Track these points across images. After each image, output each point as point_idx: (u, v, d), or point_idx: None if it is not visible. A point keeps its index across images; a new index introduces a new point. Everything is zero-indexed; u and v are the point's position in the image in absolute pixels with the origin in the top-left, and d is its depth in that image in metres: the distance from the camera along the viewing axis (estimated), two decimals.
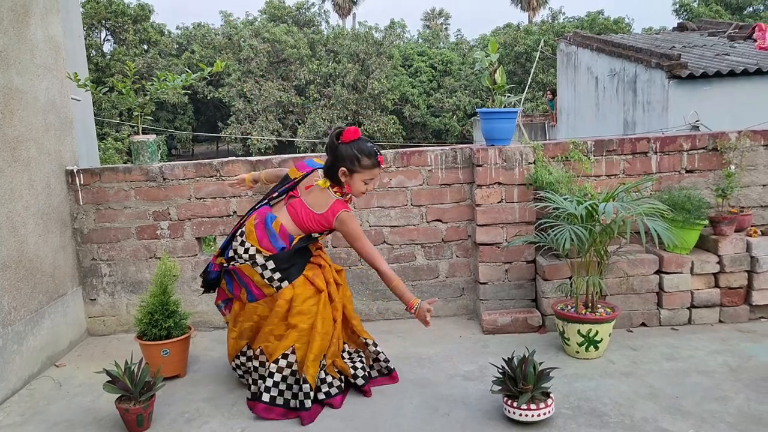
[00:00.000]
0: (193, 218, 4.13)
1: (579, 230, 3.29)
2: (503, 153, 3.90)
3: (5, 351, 3.28)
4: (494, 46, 3.93)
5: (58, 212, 3.93)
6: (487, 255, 4.00)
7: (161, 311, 3.41)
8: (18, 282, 3.44)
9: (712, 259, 3.80)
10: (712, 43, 13.06)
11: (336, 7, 46.74)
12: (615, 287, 3.79)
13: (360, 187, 3.08)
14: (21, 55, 3.59)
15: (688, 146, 4.06)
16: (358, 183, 3.06)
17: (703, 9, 31.25)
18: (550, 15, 37.65)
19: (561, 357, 3.47)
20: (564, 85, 15.46)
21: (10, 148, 3.44)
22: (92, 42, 30.29)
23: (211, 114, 33.07)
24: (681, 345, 3.55)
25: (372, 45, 29.55)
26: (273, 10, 33.92)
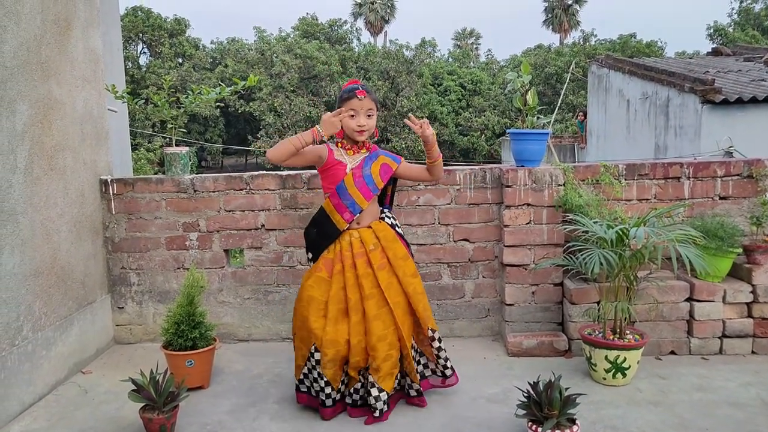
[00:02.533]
0: (222, 230, 4.17)
1: (608, 254, 3.25)
2: (533, 174, 3.87)
3: (34, 356, 3.34)
4: (526, 68, 3.92)
5: (90, 220, 4.01)
6: (513, 276, 3.97)
7: (188, 322, 3.44)
8: (49, 288, 3.50)
9: (745, 288, 3.71)
10: (747, 68, 12.88)
11: (368, 25, 47.23)
12: (644, 314, 3.72)
13: (348, 123, 3.07)
14: (61, 67, 3.68)
15: (722, 172, 4.00)
16: (346, 121, 3.07)
17: (738, 34, 30.86)
18: (582, 37, 37.58)
19: (587, 383, 3.41)
20: (595, 108, 15.37)
21: (48, 157, 3.52)
22: (129, 54, 30.99)
23: (241, 127, 33.48)
24: (712, 375, 3.47)
25: (402, 63, 29.74)
26: (306, 26, 34.39)
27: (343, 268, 3.05)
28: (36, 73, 3.41)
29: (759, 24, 32.91)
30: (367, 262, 3.05)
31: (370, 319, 2.99)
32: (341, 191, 3.07)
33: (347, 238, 3.09)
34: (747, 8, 33.99)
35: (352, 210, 3.06)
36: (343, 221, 3.07)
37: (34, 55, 3.39)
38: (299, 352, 3.12)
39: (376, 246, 3.09)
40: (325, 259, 3.09)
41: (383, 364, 2.99)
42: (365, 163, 3.14)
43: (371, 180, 3.10)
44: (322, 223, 3.13)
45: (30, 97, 3.35)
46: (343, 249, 3.07)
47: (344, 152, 3.16)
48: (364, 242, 3.08)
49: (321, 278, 3.07)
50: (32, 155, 3.36)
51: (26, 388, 3.26)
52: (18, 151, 3.24)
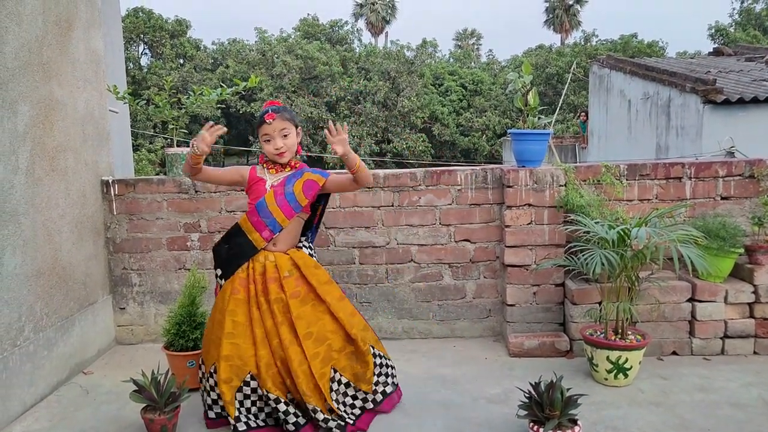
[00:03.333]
0: (223, 231, 4.16)
1: (610, 255, 3.25)
2: (534, 174, 3.87)
3: (36, 356, 3.34)
4: (528, 68, 3.92)
5: (92, 221, 4.01)
6: (515, 277, 3.96)
7: (189, 322, 3.44)
8: (51, 289, 3.51)
9: (747, 288, 3.71)
10: (749, 68, 12.86)
11: (369, 26, 47.21)
12: (646, 314, 3.72)
13: (266, 149, 3.00)
14: (63, 68, 3.69)
15: (724, 173, 3.99)
16: (264, 146, 3.02)
17: (740, 34, 30.83)
18: (583, 37, 37.52)
19: (589, 383, 3.41)
20: (596, 108, 15.36)
21: (49, 158, 3.52)
22: (130, 55, 31.02)
23: (242, 128, 33.48)
24: (713, 376, 3.46)
25: (403, 63, 29.72)
26: (307, 27, 34.39)
27: (255, 291, 2.93)
28: (37, 74, 3.42)
29: (760, 24, 32.88)
30: (280, 288, 2.93)
31: (287, 346, 2.86)
32: (261, 208, 2.94)
33: (261, 260, 2.96)
34: (748, 8, 33.97)
35: (272, 228, 2.94)
36: (262, 240, 2.95)
37: (35, 56, 3.40)
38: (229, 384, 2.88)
39: (291, 273, 2.96)
40: (240, 279, 2.96)
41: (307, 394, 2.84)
42: (288, 180, 3.01)
43: (293, 198, 2.96)
44: (237, 241, 2.99)
45: (31, 98, 3.36)
46: (256, 272, 2.94)
47: (266, 171, 3.06)
48: (279, 268, 2.95)
49: (241, 300, 2.93)
50: (34, 156, 3.37)
51: (28, 389, 3.26)
52: (20, 152, 3.24)
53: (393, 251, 4.16)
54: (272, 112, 2.97)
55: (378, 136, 28.84)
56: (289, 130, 3.00)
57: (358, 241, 4.16)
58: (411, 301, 4.20)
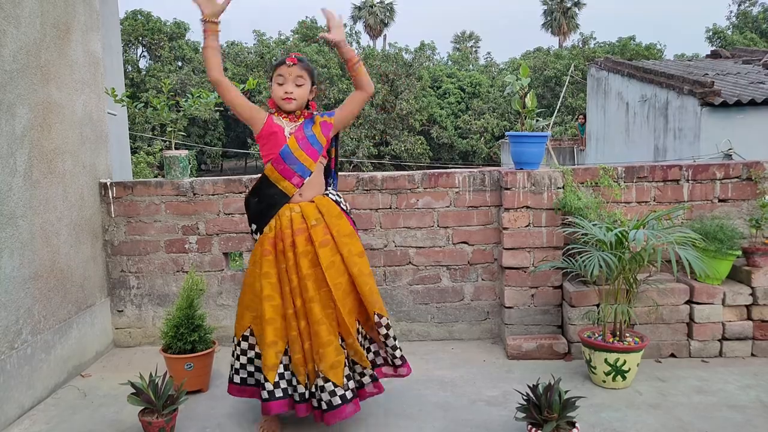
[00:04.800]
0: (221, 233, 4.17)
1: (608, 257, 3.25)
2: (532, 177, 3.88)
3: (33, 359, 3.33)
4: (525, 71, 3.93)
5: (90, 224, 4.01)
6: (513, 279, 3.97)
7: (187, 325, 3.43)
8: (49, 291, 3.50)
9: (744, 290, 3.71)
10: (746, 71, 12.90)
11: (367, 29, 47.31)
12: (644, 316, 3.72)
13: (276, 91, 2.91)
14: (61, 70, 3.69)
15: (722, 175, 4.00)
16: (274, 88, 2.92)
17: (737, 36, 30.92)
18: (581, 40, 37.62)
19: (587, 386, 3.41)
20: (594, 110, 15.39)
21: (47, 160, 3.52)
22: (129, 58, 31.03)
23: (240, 130, 33.50)
24: (711, 378, 3.47)
25: (401, 66, 29.78)
26: (305, 30, 34.42)
27: (283, 247, 2.83)
28: (36, 77, 3.42)
29: (757, 27, 32.99)
30: (308, 239, 2.83)
31: (308, 301, 2.79)
32: (286, 155, 2.85)
33: (287, 213, 2.85)
34: (745, 11, 34.09)
35: (302, 174, 2.86)
36: (292, 186, 2.86)
37: (33, 58, 3.40)
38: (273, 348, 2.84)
39: (319, 221, 2.86)
40: (268, 239, 2.86)
41: (326, 351, 2.76)
42: (305, 126, 2.95)
43: (315, 140, 2.91)
44: (265, 192, 2.90)
45: (29, 101, 3.36)
46: (283, 226, 2.84)
47: (281, 119, 2.96)
48: (306, 217, 2.85)
49: (271, 261, 2.85)
50: (32, 159, 3.36)
51: (25, 392, 3.25)
52: (17, 155, 3.24)
53: (391, 254, 4.16)
54: (295, 57, 2.92)
55: (376, 139, 28.87)
56: (305, 80, 2.92)
57: None
58: (409, 303, 4.20)
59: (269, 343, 2.82)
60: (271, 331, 2.82)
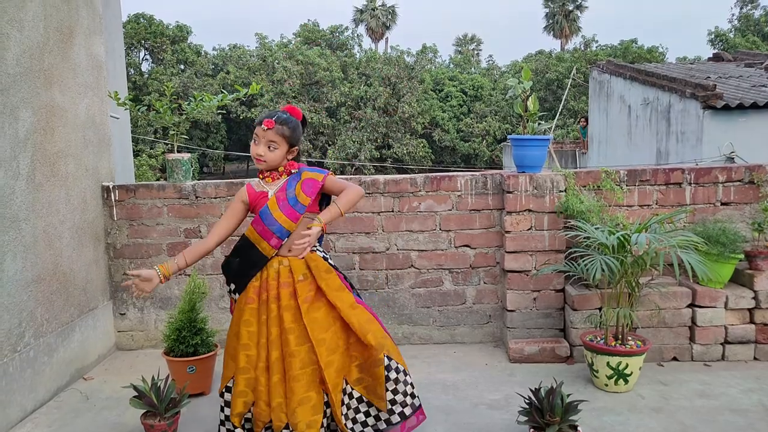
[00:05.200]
0: None
1: (610, 261, 3.25)
2: (534, 180, 3.88)
3: (36, 362, 3.34)
4: (527, 74, 3.93)
5: (92, 227, 4.01)
6: (515, 282, 3.96)
7: (189, 328, 3.44)
8: (51, 294, 3.51)
9: (747, 294, 3.71)
10: (748, 74, 12.89)
11: (369, 31, 47.36)
12: (646, 320, 3.72)
13: (252, 148, 2.83)
14: (64, 74, 3.70)
15: (724, 178, 4.00)
16: (251, 145, 2.86)
17: (739, 39, 30.92)
18: (583, 43, 37.62)
19: (589, 389, 3.41)
20: (596, 113, 15.38)
21: (50, 164, 3.53)
22: (131, 61, 31.09)
23: (243, 133, 33.54)
24: (714, 382, 3.46)
25: (403, 69, 29.80)
26: (307, 33, 34.49)
27: (267, 298, 2.78)
28: (39, 81, 3.43)
29: (759, 30, 32.99)
30: (293, 294, 2.77)
31: (287, 355, 2.70)
32: (265, 216, 2.78)
33: (275, 266, 2.80)
34: (747, 15, 34.09)
35: (280, 235, 2.78)
36: (270, 248, 2.79)
37: (37, 62, 3.41)
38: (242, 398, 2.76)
39: (306, 277, 2.81)
40: (253, 287, 2.81)
41: (302, 408, 2.65)
42: (288, 184, 2.85)
43: (296, 201, 2.81)
44: (246, 252, 2.84)
45: (33, 104, 3.37)
46: (270, 278, 2.79)
47: (263, 182, 2.89)
48: (293, 271, 2.80)
49: (254, 309, 2.79)
50: (35, 162, 3.37)
51: (28, 395, 3.26)
52: (20, 158, 3.25)
53: (393, 257, 4.16)
54: (273, 120, 2.83)
55: (378, 142, 28.88)
56: (278, 145, 2.82)
57: (358, 246, 4.16)
58: (411, 306, 4.20)
59: (239, 392, 2.75)
60: (242, 381, 2.75)
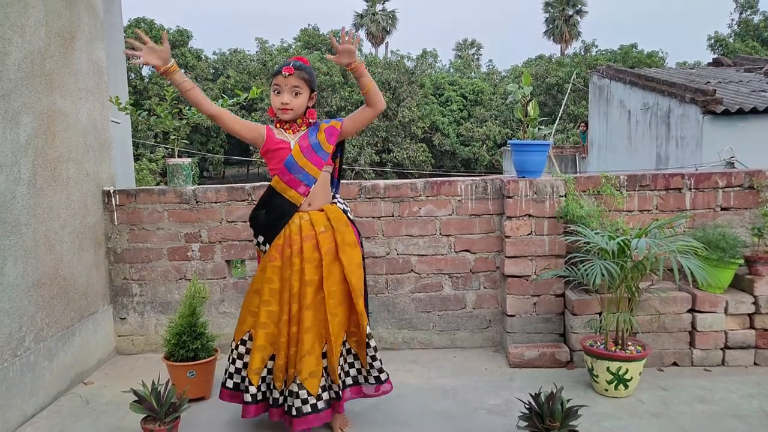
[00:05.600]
0: (224, 241, 4.18)
1: (610, 266, 3.25)
2: (534, 185, 3.88)
3: (36, 367, 3.34)
4: (527, 79, 3.94)
5: (93, 231, 4.02)
6: (515, 287, 3.97)
7: (189, 333, 3.44)
8: (52, 299, 3.51)
9: (747, 299, 3.71)
10: (748, 79, 12.91)
11: (369, 36, 47.46)
12: (646, 325, 3.72)
13: (273, 101, 2.93)
14: (65, 79, 3.71)
15: (724, 183, 4.01)
16: (272, 98, 2.95)
17: (738, 44, 30.98)
18: (583, 47, 37.69)
19: (589, 394, 3.40)
20: (596, 118, 15.41)
21: (51, 168, 3.53)
22: (131, 65, 31.12)
23: None
24: (714, 387, 3.46)
25: (403, 73, 29.84)
26: (307, 37, 34.58)
27: (291, 253, 2.87)
28: (40, 86, 3.44)
29: (758, 35, 33.05)
30: (315, 246, 2.88)
31: (304, 308, 2.84)
32: (290, 165, 2.88)
33: (297, 221, 2.90)
34: (747, 20, 34.15)
35: (307, 182, 2.89)
36: (299, 195, 2.89)
37: (38, 67, 3.42)
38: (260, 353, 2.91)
39: (327, 228, 2.91)
40: (276, 246, 2.90)
41: (308, 359, 2.83)
42: (309, 134, 2.97)
43: (319, 147, 2.93)
44: (273, 203, 2.92)
45: (34, 109, 3.37)
46: (293, 233, 2.88)
47: (284, 132, 2.98)
48: (314, 224, 2.90)
49: (276, 267, 2.89)
50: (36, 167, 3.38)
51: (28, 399, 3.26)
52: (22, 163, 3.25)
53: (393, 261, 4.17)
54: (291, 66, 2.91)
55: (378, 146, 28.90)
56: (301, 89, 2.92)
57: None
58: (411, 311, 4.20)
59: (258, 347, 2.90)
60: (262, 336, 2.90)
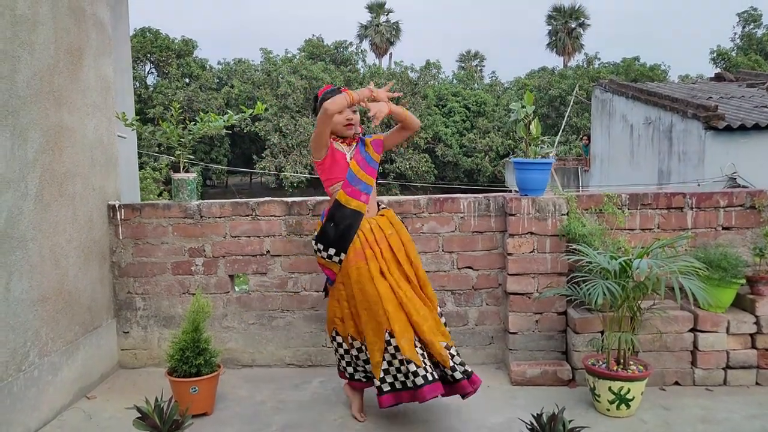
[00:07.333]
0: (228, 256, 4.21)
1: (612, 286, 3.27)
2: (536, 203, 3.91)
3: (40, 381, 3.35)
4: (530, 98, 3.97)
5: (98, 246, 4.04)
6: (517, 304, 3.98)
7: (192, 348, 3.45)
8: (56, 314, 3.53)
9: (749, 319, 3.72)
10: (750, 94, 12.95)
11: (373, 47, 47.64)
12: (648, 343, 3.73)
13: (337, 119, 3.28)
14: (73, 95, 3.75)
15: (725, 203, 4.02)
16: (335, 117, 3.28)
17: (741, 58, 31.04)
18: (585, 60, 37.77)
19: (591, 414, 3.41)
20: (598, 132, 15.45)
21: (58, 184, 3.57)
22: (136, 74, 31.31)
23: (246, 147, 33.66)
24: (716, 407, 3.46)
25: (407, 84, 29.94)
26: (312, 48, 34.70)
27: (373, 253, 3.20)
28: (48, 102, 3.47)
29: (761, 49, 33.12)
30: (389, 246, 3.25)
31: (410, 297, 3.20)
32: (351, 178, 3.28)
33: (367, 226, 3.25)
34: (749, 33, 34.23)
35: (366, 191, 3.28)
36: (362, 204, 3.26)
37: (46, 84, 3.46)
38: (374, 347, 3.14)
39: (393, 231, 3.32)
40: (354, 250, 3.21)
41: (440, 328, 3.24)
42: (360, 148, 3.40)
43: (370, 158, 3.38)
44: (341, 215, 3.25)
45: (42, 126, 3.41)
46: (367, 236, 3.22)
47: (341, 145, 3.38)
48: (382, 227, 3.28)
49: (362, 268, 3.18)
50: (43, 182, 3.41)
51: (31, 414, 3.27)
52: (29, 179, 3.29)
53: None
54: (346, 88, 3.34)
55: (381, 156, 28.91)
56: (356, 108, 3.37)
57: None
58: None
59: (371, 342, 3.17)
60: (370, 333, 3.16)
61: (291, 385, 3.93)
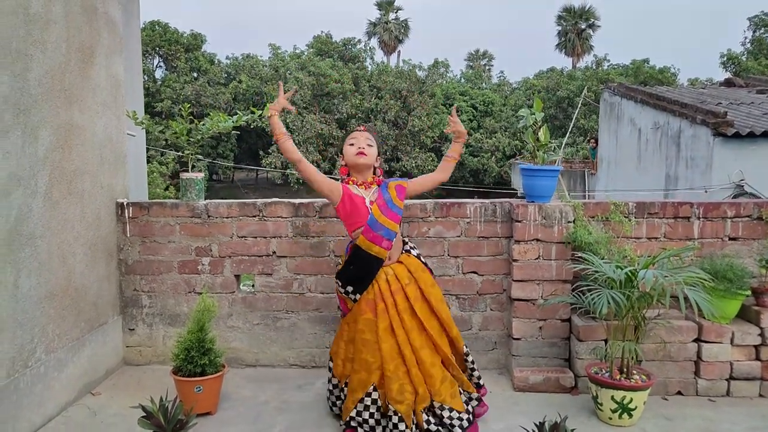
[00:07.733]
0: (234, 256, 4.22)
1: (617, 295, 3.27)
2: (543, 210, 3.91)
3: (46, 378, 3.38)
4: (539, 105, 3.97)
5: (105, 243, 4.07)
6: (521, 311, 3.98)
7: (197, 348, 3.48)
8: (63, 310, 3.56)
9: (753, 330, 3.71)
10: (760, 101, 12.89)
11: (382, 44, 47.59)
12: (651, 353, 3.73)
13: (349, 151, 3.30)
14: (84, 94, 3.77)
15: (732, 213, 4.02)
16: (346, 149, 3.32)
17: (751, 63, 30.85)
18: (594, 61, 37.62)
19: (593, 422, 3.41)
20: (606, 135, 15.40)
21: (67, 181, 3.59)
22: (145, 68, 31.37)
23: (253, 142, 33.69)
24: (718, 418, 3.46)
25: (415, 83, 29.91)
26: (320, 45, 34.70)
27: (386, 306, 3.18)
28: (59, 100, 3.49)
29: None
30: (405, 297, 3.21)
31: (418, 349, 3.16)
32: (373, 224, 3.20)
33: (383, 276, 3.23)
34: (760, 38, 34.03)
35: (388, 237, 3.20)
36: (383, 250, 3.20)
37: (58, 82, 3.48)
38: (353, 395, 3.19)
39: (411, 280, 3.26)
40: (366, 300, 3.21)
41: (442, 387, 3.15)
42: (382, 192, 3.31)
43: (393, 204, 3.27)
44: (362, 258, 3.21)
45: (52, 124, 3.43)
46: (382, 288, 3.20)
47: (359, 189, 3.32)
48: (399, 278, 3.24)
49: (369, 320, 3.18)
50: (52, 180, 3.43)
51: (36, 410, 3.30)
52: (39, 176, 3.31)
53: None
54: (364, 126, 3.41)
55: (387, 155, 28.94)
56: (372, 142, 3.34)
57: None
58: None
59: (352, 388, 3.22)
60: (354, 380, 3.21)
61: (294, 385, 3.95)
